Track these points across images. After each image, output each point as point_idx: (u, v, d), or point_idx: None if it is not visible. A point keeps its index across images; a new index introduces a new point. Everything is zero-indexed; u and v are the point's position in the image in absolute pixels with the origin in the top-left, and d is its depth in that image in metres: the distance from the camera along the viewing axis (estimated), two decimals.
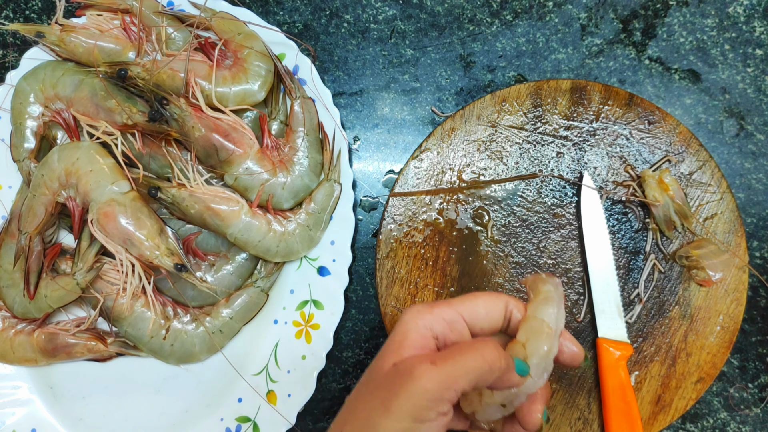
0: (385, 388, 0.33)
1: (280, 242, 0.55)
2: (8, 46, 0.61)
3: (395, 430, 0.31)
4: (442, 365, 0.32)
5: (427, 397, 0.31)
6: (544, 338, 0.36)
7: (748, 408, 0.57)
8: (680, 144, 0.55)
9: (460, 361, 0.32)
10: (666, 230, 0.54)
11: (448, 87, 0.59)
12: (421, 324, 0.35)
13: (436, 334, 0.36)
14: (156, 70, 0.53)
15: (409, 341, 0.35)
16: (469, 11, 0.59)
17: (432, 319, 0.36)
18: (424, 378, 0.31)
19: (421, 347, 0.35)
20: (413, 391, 0.31)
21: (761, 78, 0.58)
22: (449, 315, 0.36)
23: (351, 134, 0.60)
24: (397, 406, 0.31)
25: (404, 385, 0.31)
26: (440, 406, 0.32)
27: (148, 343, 0.56)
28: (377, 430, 0.31)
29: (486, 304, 0.37)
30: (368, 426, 0.32)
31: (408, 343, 0.35)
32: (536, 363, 0.36)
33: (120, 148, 0.54)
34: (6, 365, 0.58)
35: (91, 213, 0.53)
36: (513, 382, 0.35)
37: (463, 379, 0.32)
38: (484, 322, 0.37)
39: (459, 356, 0.33)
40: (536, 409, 0.37)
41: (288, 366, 0.56)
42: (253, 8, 0.59)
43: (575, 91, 0.56)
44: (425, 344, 0.35)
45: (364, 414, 0.33)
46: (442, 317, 0.36)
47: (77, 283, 0.54)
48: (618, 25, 0.58)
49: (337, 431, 0.35)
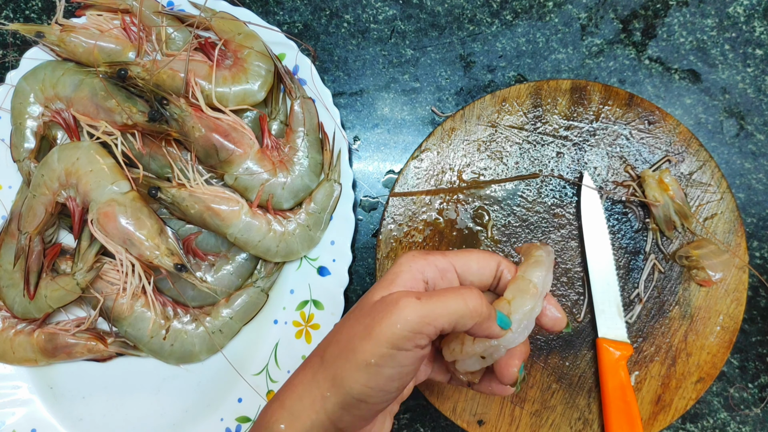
0: (369, 316, 0.35)
1: (280, 242, 0.55)
2: (8, 46, 0.61)
3: (373, 354, 0.33)
4: (426, 301, 0.34)
5: (407, 327, 0.33)
6: (528, 297, 0.38)
7: (748, 408, 0.57)
8: (680, 144, 0.55)
9: (443, 300, 0.34)
10: (666, 230, 0.54)
11: (448, 87, 0.59)
12: (414, 267, 0.37)
13: (427, 278, 0.37)
14: (156, 70, 0.53)
15: (400, 280, 0.37)
16: (469, 11, 0.59)
17: (425, 264, 0.37)
18: (407, 309, 0.33)
19: (411, 287, 0.37)
20: (395, 320, 0.33)
21: (761, 78, 0.58)
22: (442, 264, 0.38)
23: (351, 134, 0.60)
24: (378, 331, 0.33)
25: (387, 314, 0.34)
26: (418, 338, 0.34)
27: (148, 343, 0.56)
28: (356, 352, 0.34)
29: (479, 259, 0.39)
30: (348, 348, 0.34)
31: (399, 281, 0.37)
32: (518, 319, 0.37)
33: (120, 148, 0.54)
34: (6, 365, 0.58)
35: (91, 213, 0.53)
36: (493, 332, 0.36)
37: (443, 318, 0.34)
38: (474, 276, 0.39)
39: (443, 296, 0.35)
40: (513, 364, 0.38)
41: (288, 366, 0.56)
42: (253, 8, 0.59)
43: (575, 91, 0.56)
44: (415, 285, 0.37)
45: (346, 338, 0.35)
46: (435, 264, 0.38)
47: (77, 283, 0.54)
48: (618, 25, 0.58)
49: (320, 352, 0.37)
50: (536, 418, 0.54)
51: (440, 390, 0.54)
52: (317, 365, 0.37)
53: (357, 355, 0.34)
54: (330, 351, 0.36)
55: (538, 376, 0.54)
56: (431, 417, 0.58)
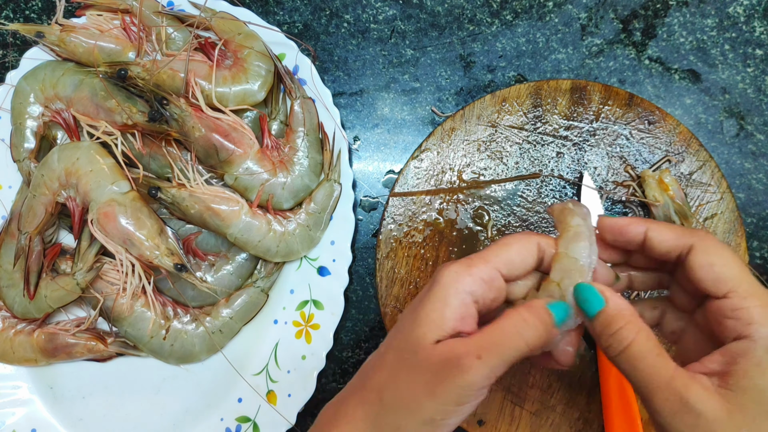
0: (430, 372, 0.34)
1: (280, 242, 0.55)
2: (8, 46, 0.61)
3: (437, 411, 0.33)
4: (487, 358, 0.33)
5: (472, 388, 0.33)
6: (577, 276, 0.36)
7: None
8: (680, 144, 0.55)
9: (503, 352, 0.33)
10: None
11: (448, 87, 0.59)
12: (461, 289, 0.35)
13: (477, 298, 0.35)
14: (156, 70, 0.53)
15: (451, 310, 0.35)
16: (469, 11, 0.59)
17: (472, 283, 0.35)
18: (471, 372, 0.33)
19: (462, 316, 0.35)
20: (460, 383, 0.33)
21: (761, 78, 0.58)
22: (488, 273, 0.36)
23: (351, 134, 0.60)
24: (443, 392, 0.33)
25: (451, 376, 0.33)
26: (481, 393, 0.34)
27: (148, 343, 0.56)
28: (421, 409, 0.33)
29: (519, 250, 0.37)
30: (411, 402, 0.34)
31: (449, 313, 0.35)
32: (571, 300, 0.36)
33: (120, 148, 0.54)
34: (6, 365, 0.58)
35: (91, 213, 0.53)
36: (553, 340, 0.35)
37: (503, 366, 0.33)
38: (519, 270, 0.37)
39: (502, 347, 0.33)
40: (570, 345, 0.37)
41: (288, 366, 0.56)
42: (253, 8, 0.59)
43: (575, 91, 0.56)
44: (467, 313, 0.35)
45: (406, 387, 0.34)
46: (481, 278, 0.35)
47: (77, 283, 0.54)
48: (618, 25, 0.58)
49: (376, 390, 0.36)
50: (536, 418, 0.54)
51: None
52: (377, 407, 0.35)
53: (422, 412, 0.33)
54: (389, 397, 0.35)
55: (538, 376, 0.54)
56: None
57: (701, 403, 0.31)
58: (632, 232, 0.37)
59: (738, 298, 0.32)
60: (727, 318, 0.32)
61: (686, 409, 0.31)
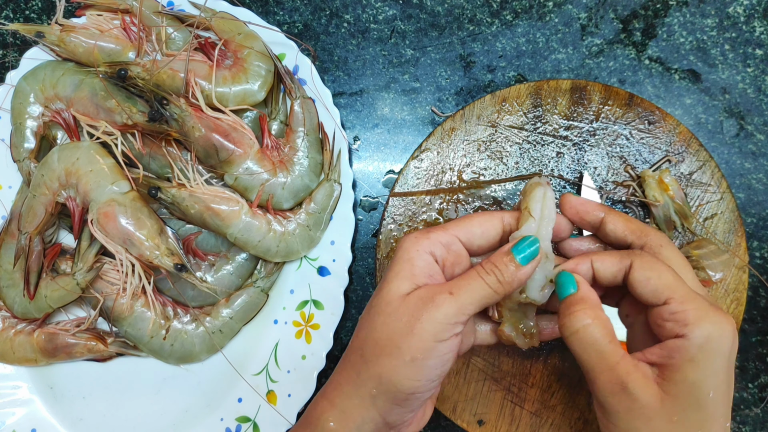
0: (407, 313, 0.37)
1: (280, 242, 0.55)
2: (8, 46, 0.61)
3: (418, 349, 0.36)
4: (458, 295, 0.37)
5: (446, 321, 0.36)
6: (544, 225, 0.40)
7: (748, 408, 0.57)
8: (680, 144, 0.55)
9: (471, 290, 0.37)
10: (666, 230, 0.54)
11: (448, 87, 0.59)
12: (422, 249, 0.39)
13: (437, 257, 0.39)
14: (156, 70, 0.53)
15: (418, 268, 0.38)
16: (469, 11, 0.59)
17: (430, 244, 0.39)
18: (444, 305, 0.36)
19: (429, 273, 0.39)
20: (436, 317, 0.36)
21: (761, 78, 0.58)
22: (445, 238, 0.40)
23: (351, 134, 0.60)
24: (420, 328, 0.36)
25: (428, 311, 0.36)
26: (456, 327, 0.37)
27: (148, 343, 0.56)
28: (401, 349, 0.36)
29: (481, 222, 0.41)
30: (391, 346, 0.37)
31: (417, 270, 0.38)
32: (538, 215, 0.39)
33: (120, 148, 0.54)
34: (6, 365, 0.58)
35: (91, 213, 0.53)
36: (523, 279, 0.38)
37: (474, 305, 0.37)
38: (481, 239, 0.41)
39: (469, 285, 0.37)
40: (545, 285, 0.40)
41: (288, 366, 0.56)
42: (253, 8, 0.59)
43: (575, 91, 0.56)
44: (432, 269, 0.39)
45: (385, 336, 0.37)
46: (439, 241, 0.39)
47: (77, 283, 0.54)
48: (618, 25, 0.58)
49: (358, 350, 0.39)
50: (536, 418, 0.54)
51: (440, 390, 0.54)
52: (359, 364, 0.38)
53: (402, 352, 0.36)
54: (370, 349, 0.38)
55: (538, 376, 0.54)
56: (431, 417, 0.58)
57: (639, 390, 0.34)
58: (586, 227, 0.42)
59: (675, 303, 0.35)
60: (666, 321, 0.36)
61: (625, 393, 0.35)
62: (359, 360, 0.38)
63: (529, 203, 0.40)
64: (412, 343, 0.36)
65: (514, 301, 0.40)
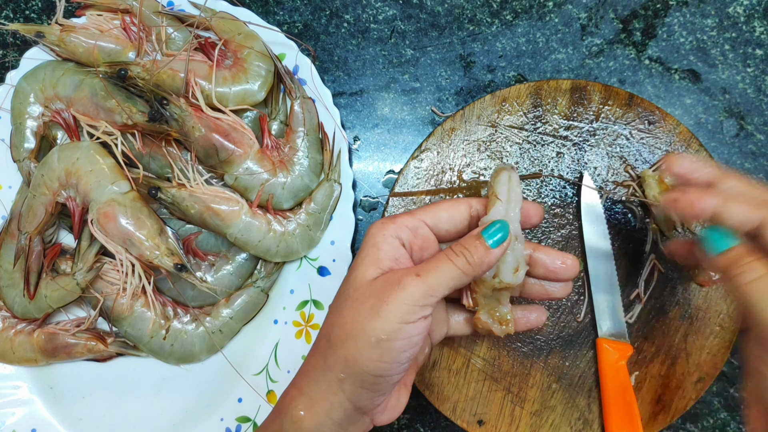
0: (374, 296, 0.37)
1: (280, 242, 0.55)
2: (8, 46, 0.61)
3: (383, 330, 0.36)
4: (425, 277, 0.37)
5: (414, 303, 0.36)
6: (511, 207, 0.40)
7: None
8: (680, 144, 0.55)
9: (438, 272, 0.37)
10: (666, 230, 0.54)
11: (448, 87, 0.59)
12: (388, 234, 0.39)
13: (403, 241, 0.39)
14: (156, 70, 0.53)
15: (384, 252, 0.39)
16: (469, 11, 0.59)
17: (396, 228, 0.39)
18: (411, 287, 0.36)
19: (396, 257, 0.39)
20: (402, 298, 0.36)
21: (761, 78, 0.58)
22: (411, 222, 0.40)
23: (351, 134, 0.60)
24: (386, 310, 0.36)
25: (394, 293, 0.36)
26: (424, 310, 0.36)
27: (148, 343, 0.56)
28: (366, 331, 0.36)
29: (447, 208, 0.41)
30: (357, 329, 0.36)
31: (383, 254, 0.39)
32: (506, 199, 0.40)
33: (120, 148, 0.54)
34: (6, 365, 0.58)
35: (91, 213, 0.53)
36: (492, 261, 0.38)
37: (442, 287, 0.37)
38: (448, 224, 0.41)
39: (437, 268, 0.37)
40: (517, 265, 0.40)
41: (288, 366, 0.56)
42: (253, 8, 0.59)
43: (575, 91, 0.56)
44: (398, 253, 0.39)
45: (351, 319, 0.37)
46: (405, 225, 0.40)
47: (77, 283, 0.54)
48: (618, 25, 0.58)
49: (325, 335, 0.39)
50: (536, 418, 0.54)
51: (440, 390, 0.54)
52: (326, 349, 0.38)
53: (367, 334, 0.36)
54: (336, 333, 0.38)
55: (538, 376, 0.54)
56: (431, 417, 0.58)
57: None
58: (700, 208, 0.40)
59: None
60: None
61: None
62: (326, 345, 0.38)
63: (495, 187, 0.40)
64: (377, 324, 0.36)
65: (488, 286, 0.41)
